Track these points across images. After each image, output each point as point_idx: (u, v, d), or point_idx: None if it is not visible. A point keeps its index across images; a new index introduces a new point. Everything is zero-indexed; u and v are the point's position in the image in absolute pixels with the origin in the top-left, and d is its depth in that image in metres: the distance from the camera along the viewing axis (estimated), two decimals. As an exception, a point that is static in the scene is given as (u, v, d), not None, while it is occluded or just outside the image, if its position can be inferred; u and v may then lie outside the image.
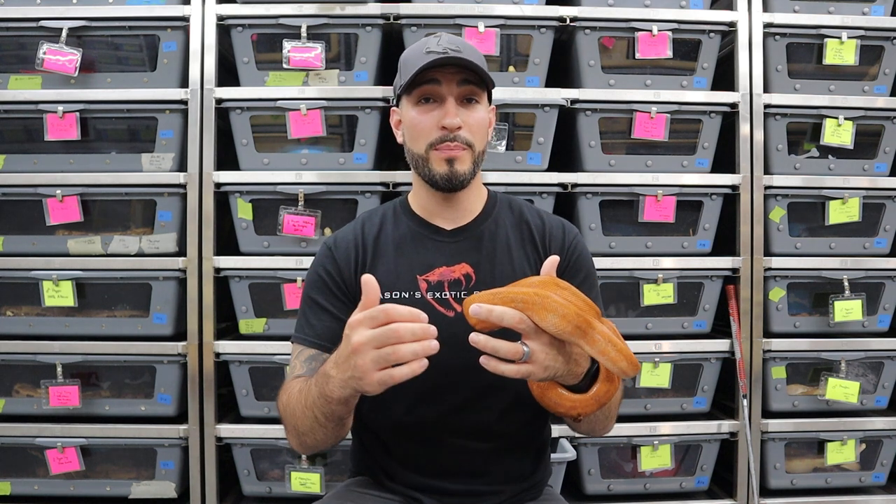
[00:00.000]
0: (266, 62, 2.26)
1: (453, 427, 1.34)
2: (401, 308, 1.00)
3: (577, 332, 1.03)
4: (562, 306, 1.01)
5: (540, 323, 1.01)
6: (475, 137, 1.35)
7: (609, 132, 2.31)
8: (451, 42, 1.34)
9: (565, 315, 1.01)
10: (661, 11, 2.27)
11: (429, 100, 1.34)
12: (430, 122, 1.33)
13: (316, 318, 1.36)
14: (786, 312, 2.31)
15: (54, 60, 2.19)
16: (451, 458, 1.36)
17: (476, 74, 1.32)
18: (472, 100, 1.35)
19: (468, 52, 1.33)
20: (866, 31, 2.31)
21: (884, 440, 2.33)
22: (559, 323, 1.01)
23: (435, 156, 1.33)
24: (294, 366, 1.36)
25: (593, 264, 1.46)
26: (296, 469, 2.17)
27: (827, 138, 2.31)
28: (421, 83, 1.32)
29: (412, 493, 1.37)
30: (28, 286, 2.23)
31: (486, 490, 1.37)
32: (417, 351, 0.98)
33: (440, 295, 1.35)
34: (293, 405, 1.22)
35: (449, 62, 1.30)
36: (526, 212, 1.46)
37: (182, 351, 2.20)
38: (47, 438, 2.18)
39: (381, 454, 1.41)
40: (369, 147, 2.24)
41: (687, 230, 2.32)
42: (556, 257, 1.17)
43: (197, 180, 2.23)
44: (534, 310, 1.01)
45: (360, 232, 1.42)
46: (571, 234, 1.44)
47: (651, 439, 2.25)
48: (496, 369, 1.02)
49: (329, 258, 1.40)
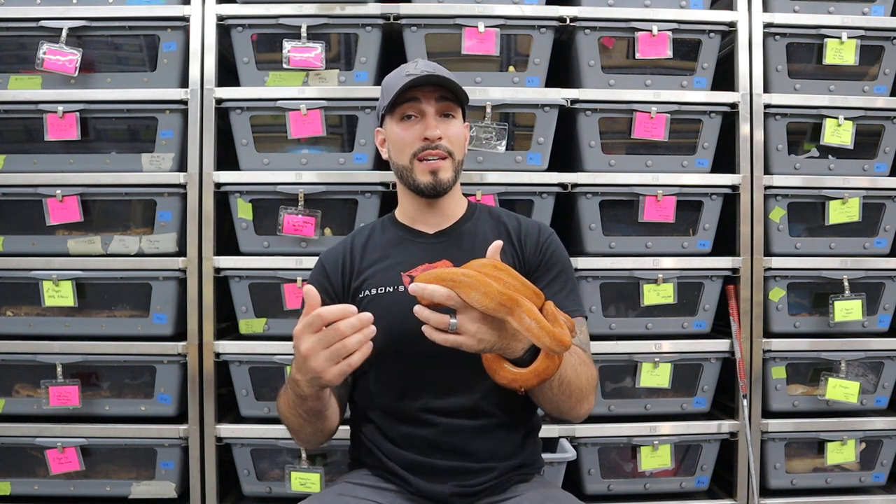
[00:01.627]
0: (266, 62, 2.26)
1: (441, 407, 1.43)
2: (332, 308, 1.14)
3: (501, 309, 1.13)
4: (484, 284, 1.13)
5: (466, 299, 1.13)
6: (454, 147, 1.51)
7: (609, 132, 2.31)
8: (427, 65, 1.51)
9: (487, 293, 1.13)
10: (661, 11, 2.27)
11: (411, 117, 1.51)
12: (412, 135, 1.49)
13: None
14: (786, 312, 2.31)
15: (54, 60, 2.19)
16: (440, 437, 1.43)
17: (452, 92, 1.50)
18: (448, 115, 1.52)
19: (444, 73, 1.50)
20: (866, 31, 2.31)
21: (884, 440, 2.33)
22: (481, 299, 1.12)
23: (419, 167, 1.49)
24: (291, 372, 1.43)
25: (569, 262, 1.57)
26: (296, 469, 2.17)
27: (827, 138, 2.31)
28: (402, 102, 1.50)
29: (405, 474, 1.43)
30: (28, 286, 2.23)
31: (476, 468, 1.43)
32: (361, 340, 1.14)
33: None
34: (283, 409, 1.39)
35: (427, 81, 1.47)
36: (503, 216, 1.60)
37: (182, 351, 2.20)
38: (47, 438, 2.18)
39: (375, 436, 1.48)
40: (369, 147, 2.24)
41: (687, 230, 2.32)
42: (500, 242, 1.29)
43: (197, 180, 2.23)
44: (460, 287, 1.13)
45: (349, 244, 1.59)
46: (546, 232, 1.57)
47: (651, 439, 2.25)
48: (430, 336, 1.15)
49: (320, 271, 1.57)
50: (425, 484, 1.41)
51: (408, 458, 1.44)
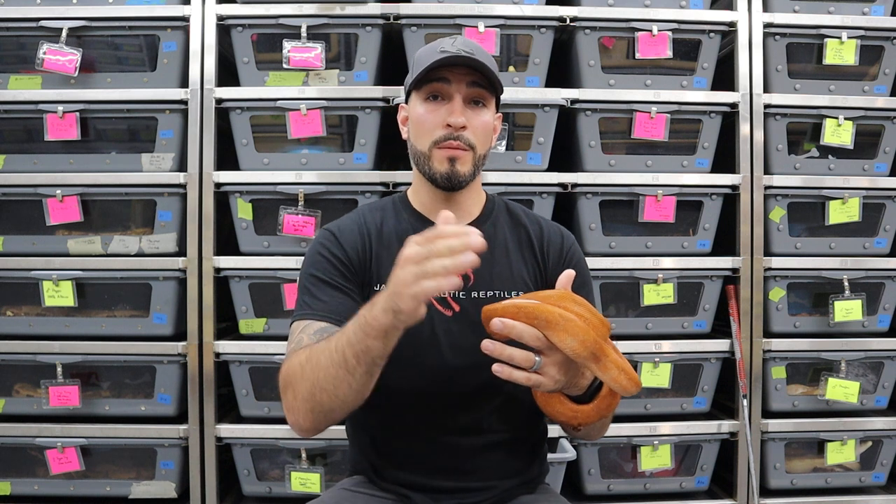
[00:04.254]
0: (266, 62, 2.26)
1: (445, 425, 1.35)
2: (448, 227, 1.01)
3: (591, 358, 1.05)
4: (581, 330, 1.03)
5: (558, 343, 1.03)
6: (478, 140, 1.36)
7: (609, 132, 2.31)
8: (465, 44, 1.34)
9: (584, 341, 1.03)
10: (661, 11, 2.27)
11: (437, 97, 1.35)
12: (435, 120, 1.34)
13: (325, 294, 1.33)
14: (786, 312, 2.31)
15: (54, 60, 2.19)
16: (442, 456, 1.36)
17: (486, 77, 1.34)
18: (479, 102, 1.36)
19: (481, 56, 1.34)
20: (866, 31, 2.31)
21: (884, 440, 2.33)
22: (577, 347, 1.03)
23: (437, 154, 1.34)
24: (300, 339, 1.27)
25: (588, 270, 1.48)
26: (296, 469, 2.17)
27: (827, 138, 2.31)
28: (431, 80, 1.34)
29: (404, 492, 1.37)
30: (28, 286, 2.23)
31: (478, 486, 1.37)
32: (447, 266, 0.97)
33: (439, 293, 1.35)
34: (315, 356, 1.15)
35: (460, 62, 1.31)
36: (523, 217, 1.47)
37: (182, 351, 2.20)
38: (47, 438, 2.18)
39: (373, 453, 1.41)
40: (369, 147, 2.24)
41: (687, 230, 2.32)
42: (573, 272, 1.16)
43: (197, 180, 2.23)
44: (554, 330, 1.02)
45: (363, 221, 1.42)
46: (569, 240, 1.46)
47: (651, 439, 2.25)
48: (510, 376, 1.04)
49: (334, 243, 1.37)
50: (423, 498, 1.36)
51: (407, 477, 1.37)
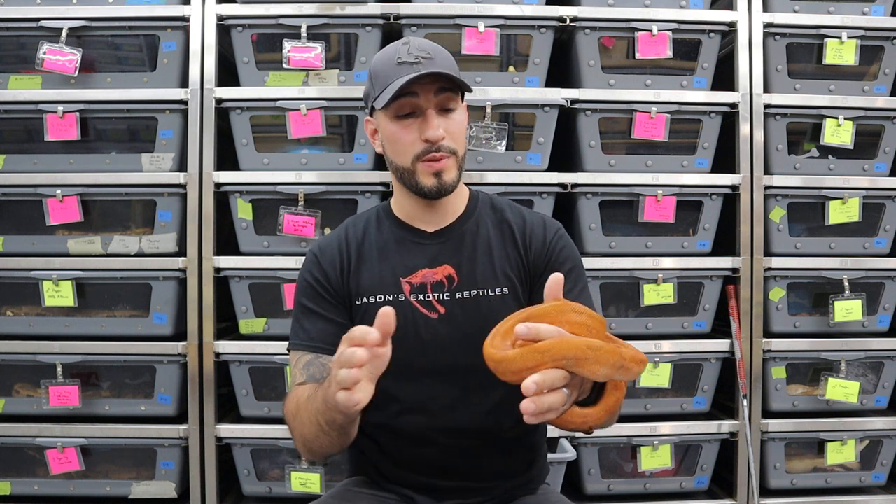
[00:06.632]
0: (266, 62, 2.26)
1: (443, 426, 1.35)
2: (354, 330, 0.98)
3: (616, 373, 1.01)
4: (611, 355, 0.98)
5: (589, 375, 0.98)
6: (457, 142, 1.35)
7: (609, 132, 2.31)
8: (420, 49, 1.32)
9: (613, 364, 0.99)
10: (661, 11, 2.27)
11: (408, 115, 1.33)
12: (411, 136, 1.32)
13: (309, 322, 1.38)
14: (786, 312, 2.31)
15: (54, 60, 2.19)
16: (442, 457, 1.37)
17: (451, 82, 1.32)
18: (448, 109, 1.34)
19: (440, 58, 1.32)
20: (866, 31, 2.31)
21: (884, 440, 2.33)
22: (609, 373, 0.99)
23: (421, 167, 1.33)
24: (294, 375, 1.37)
25: (579, 258, 1.44)
26: (296, 469, 2.17)
27: (827, 138, 2.31)
28: (398, 97, 1.30)
29: (405, 492, 1.38)
30: (28, 286, 2.23)
31: (479, 486, 1.38)
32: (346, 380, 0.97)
33: (423, 297, 1.36)
34: (301, 413, 1.23)
35: (426, 78, 1.29)
36: (507, 211, 1.45)
37: (182, 351, 2.20)
38: (47, 438, 2.18)
39: (375, 454, 1.42)
40: (369, 147, 2.24)
41: (687, 230, 2.32)
42: (561, 276, 1.07)
43: (197, 180, 2.23)
44: (585, 365, 0.97)
45: (343, 238, 1.44)
46: (552, 228, 1.43)
47: (651, 439, 2.25)
48: (543, 419, 0.98)
49: (315, 264, 1.42)
50: (425, 499, 1.37)
51: (408, 478, 1.38)
